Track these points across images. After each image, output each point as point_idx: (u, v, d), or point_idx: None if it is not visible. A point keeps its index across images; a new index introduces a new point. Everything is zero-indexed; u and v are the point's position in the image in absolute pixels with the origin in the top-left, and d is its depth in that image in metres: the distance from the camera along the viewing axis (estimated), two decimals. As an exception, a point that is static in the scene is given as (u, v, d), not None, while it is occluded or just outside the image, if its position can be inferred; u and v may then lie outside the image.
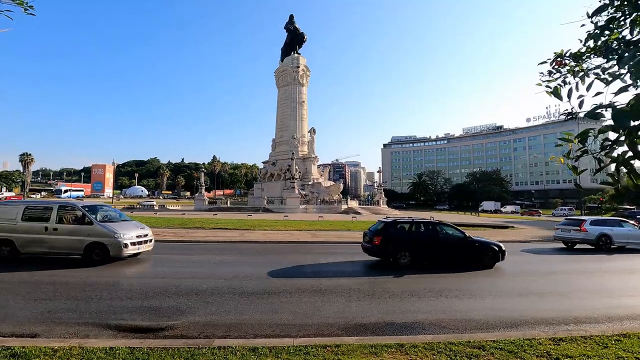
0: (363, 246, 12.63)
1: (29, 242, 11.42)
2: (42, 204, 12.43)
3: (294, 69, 60.99)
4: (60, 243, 11.30)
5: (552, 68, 2.87)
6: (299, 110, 61.71)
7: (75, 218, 11.65)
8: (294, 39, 65.00)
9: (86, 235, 11.22)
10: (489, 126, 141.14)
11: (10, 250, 11.39)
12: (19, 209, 11.77)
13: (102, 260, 11.10)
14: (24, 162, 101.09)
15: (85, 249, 11.13)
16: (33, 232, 11.41)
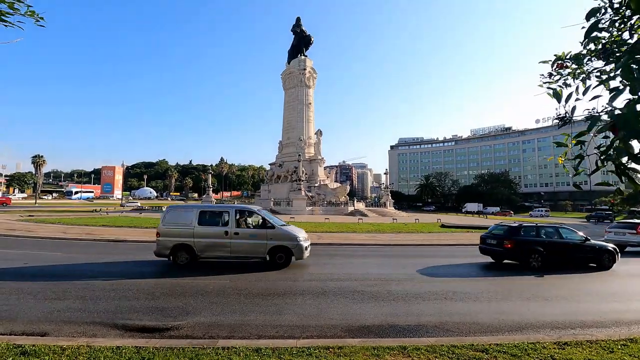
0: (484, 249, 13.52)
1: (209, 246, 11.34)
2: (217, 208, 12.53)
3: (300, 71, 61.21)
4: (242, 247, 11.29)
5: (553, 70, 2.87)
6: (305, 112, 61.86)
7: (255, 222, 11.88)
8: (301, 42, 65.26)
9: (269, 239, 11.30)
10: (497, 127, 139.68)
11: (189, 255, 11.29)
12: (194, 213, 11.61)
13: (284, 263, 11.26)
14: (36, 164, 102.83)
15: (268, 252, 11.25)
16: (212, 237, 11.33)
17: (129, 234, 20.62)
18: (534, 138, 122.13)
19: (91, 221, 28.31)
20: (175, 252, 11.25)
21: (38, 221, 28.06)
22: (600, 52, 2.55)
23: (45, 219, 29.92)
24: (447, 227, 30.45)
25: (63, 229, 22.68)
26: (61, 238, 18.58)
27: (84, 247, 15.76)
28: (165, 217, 11.82)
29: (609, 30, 2.51)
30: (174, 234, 11.37)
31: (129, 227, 24.56)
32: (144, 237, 19.11)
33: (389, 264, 13.05)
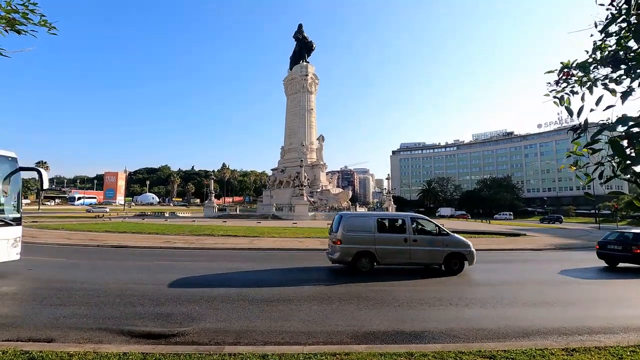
0: (603, 254, 14.48)
1: (389, 253, 11.57)
2: (393, 216, 13.12)
3: (302, 77, 61.59)
4: (420, 254, 11.61)
5: (560, 78, 2.90)
6: (307, 117, 62.12)
7: (430, 229, 12.19)
8: (303, 48, 65.72)
9: (445, 245, 11.69)
10: (499, 132, 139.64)
11: (370, 262, 11.50)
12: (372, 220, 11.88)
13: (458, 269, 11.66)
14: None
15: (444, 259, 11.59)
16: (393, 244, 11.59)
17: (132, 239, 20.64)
18: (536, 143, 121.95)
19: (95, 227, 28.40)
20: (357, 258, 11.44)
21: (41, 227, 28.16)
22: (608, 59, 2.58)
23: (49, 225, 30.03)
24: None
25: (67, 235, 22.75)
26: (65, 244, 18.63)
27: (87, 254, 15.79)
28: (343, 224, 11.79)
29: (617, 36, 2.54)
30: (356, 242, 11.52)
31: (132, 233, 24.61)
32: (151, 242, 19.10)
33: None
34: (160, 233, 24.41)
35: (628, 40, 2.49)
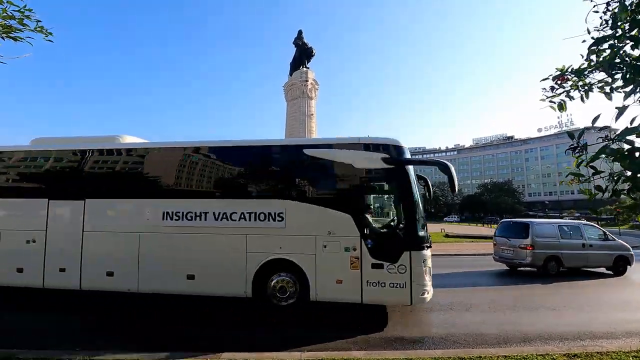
0: None
1: (572, 257, 12.83)
2: (569, 223, 14.18)
3: (302, 82, 61.49)
4: (595, 258, 13.07)
5: (555, 83, 2.90)
6: (307, 123, 61.93)
7: (599, 235, 13.54)
8: (303, 54, 65.63)
9: (613, 250, 13.24)
10: (500, 136, 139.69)
11: (557, 265, 12.71)
12: (555, 227, 13.21)
13: (622, 271, 13.09)
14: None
15: (613, 262, 13.06)
16: (574, 249, 12.90)
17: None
18: (536, 147, 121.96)
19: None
20: (547, 262, 12.68)
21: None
22: (602, 64, 2.57)
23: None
24: (451, 237, 30.26)
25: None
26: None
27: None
28: (533, 231, 12.91)
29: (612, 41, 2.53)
30: (546, 247, 12.75)
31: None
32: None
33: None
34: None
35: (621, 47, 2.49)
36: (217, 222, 7.45)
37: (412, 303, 6.73)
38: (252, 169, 7.95)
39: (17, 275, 8.00)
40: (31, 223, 8.14)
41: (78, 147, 8.60)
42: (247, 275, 7.22)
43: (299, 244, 7.15)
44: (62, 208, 8.23)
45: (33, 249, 8.01)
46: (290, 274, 7.22)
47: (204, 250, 7.49)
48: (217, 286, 7.37)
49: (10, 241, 8.17)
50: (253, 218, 7.32)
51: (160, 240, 7.66)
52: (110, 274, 7.69)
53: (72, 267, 7.82)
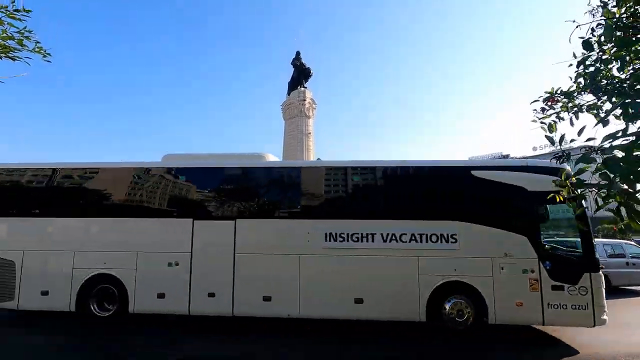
0: None
1: (617, 276, 12.74)
2: (611, 242, 14.47)
3: (300, 101, 62.34)
4: (637, 275, 13.17)
5: (545, 105, 2.95)
6: (305, 141, 62.44)
7: None
8: (301, 74, 66.79)
9: None
10: (495, 155, 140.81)
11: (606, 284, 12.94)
12: (601, 246, 13.02)
13: None
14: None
15: None
16: (619, 267, 12.98)
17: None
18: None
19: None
20: None
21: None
22: (589, 87, 2.63)
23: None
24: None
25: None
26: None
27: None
28: None
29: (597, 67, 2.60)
30: None
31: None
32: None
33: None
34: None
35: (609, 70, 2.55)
36: (385, 243, 7.20)
37: (595, 325, 6.55)
38: (421, 190, 7.76)
39: (158, 302, 7.44)
40: (174, 244, 7.66)
41: (225, 164, 8.29)
42: (421, 299, 6.97)
43: (474, 265, 6.98)
44: (209, 229, 7.74)
45: (176, 273, 7.52)
46: (465, 297, 7.02)
47: (373, 272, 7.18)
48: (388, 310, 7.07)
49: (149, 264, 7.65)
50: (424, 239, 7.10)
51: (323, 263, 7.29)
52: (268, 298, 7.23)
53: (224, 291, 7.34)
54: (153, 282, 7.56)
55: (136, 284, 7.58)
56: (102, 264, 7.71)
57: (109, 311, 7.72)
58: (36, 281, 7.74)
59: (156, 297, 7.48)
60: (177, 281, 7.51)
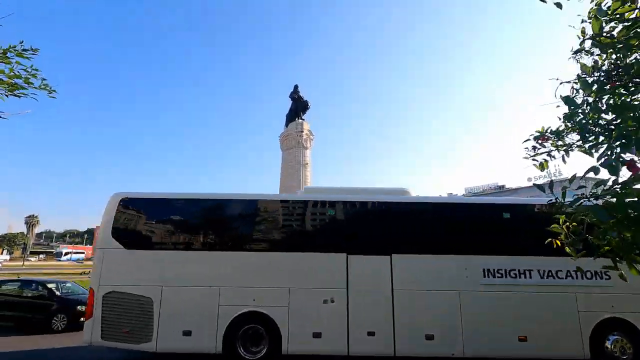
0: None
1: None
2: None
3: (298, 133, 63.47)
4: None
5: (537, 143, 3.03)
6: (302, 172, 62.85)
7: None
8: (299, 107, 68.49)
9: None
10: (491, 185, 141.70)
11: None
12: None
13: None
14: (29, 225, 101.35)
15: None
16: None
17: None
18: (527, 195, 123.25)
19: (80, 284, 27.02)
20: None
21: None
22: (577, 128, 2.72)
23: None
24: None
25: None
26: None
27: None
28: None
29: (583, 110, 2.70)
30: None
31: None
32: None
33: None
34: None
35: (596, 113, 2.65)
36: (543, 280, 7.15)
37: None
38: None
39: (315, 341, 7.03)
40: (328, 280, 7.33)
41: (376, 198, 8.05)
42: (583, 336, 6.87)
43: (632, 302, 6.91)
44: (364, 264, 7.40)
45: (333, 310, 7.15)
46: (625, 334, 6.89)
47: (533, 309, 7.06)
48: (551, 348, 6.90)
49: (303, 301, 7.25)
50: (580, 276, 7.01)
51: (483, 299, 7.12)
52: (430, 337, 6.95)
53: (383, 330, 7.02)
54: (308, 321, 7.13)
55: (289, 323, 7.11)
56: (251, 301, 7.25)
57: (254, 353, 7.15)
58: (177, 320, 7.14)
59: (312, 337, 7.05)
60: (334, 319, 7.11)
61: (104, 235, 7.85)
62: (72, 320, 11.08)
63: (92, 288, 7.37)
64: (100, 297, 7.25)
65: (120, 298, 7.26)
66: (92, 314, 7.18)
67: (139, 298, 7.24)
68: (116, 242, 7.66)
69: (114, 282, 7.38)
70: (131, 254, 7.61)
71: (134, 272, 7.47)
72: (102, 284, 7.37)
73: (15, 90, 3.88)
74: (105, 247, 7.70)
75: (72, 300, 11.82)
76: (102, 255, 7.63)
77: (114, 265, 7.52)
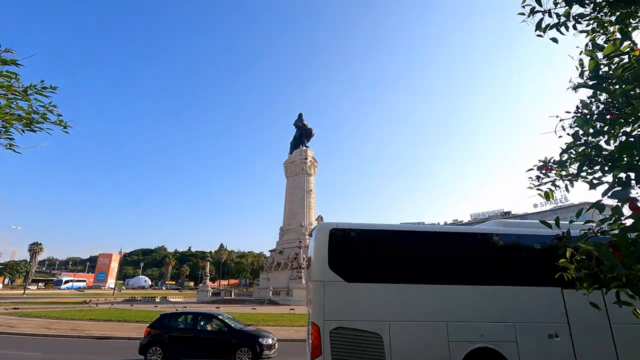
0: None
1: None
2: None
3: (302, 160, 64.35)
4: None
5: (541, 173, 3.07)
6: (306, 198, 63.15)
7: None
8: (303, 134, 69.97)
9: None
10: (497, 212, 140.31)
11: None
12: None
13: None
14: (33, 252, 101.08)
15: None
16: None
17: (117, 329, 19.20)
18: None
19: (78, 314, 26.65)
20: None
21: (22, 315, 26.41)
22: (579, 158, 2.76)
23: (31, 312, 28.20)
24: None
25: (47, 324, 21.22)
26: (44, 335, 17.27)
27: (66, 346, 14.54)
28: None
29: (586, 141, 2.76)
30: None
31: (118, 322, 23.00)
32: (133, 333, 17.77)
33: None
34: (148, 321, 22.88)
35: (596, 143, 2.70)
36: None
37: None
38: None
39: None
40: (550, 314, 7.16)
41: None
42: None
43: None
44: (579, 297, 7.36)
45: (558, 346, 6.98)
46: None
47: None
48: None
49: (529, 336, 7.05)
50: None
51: None
52: None
53: None
54: (535, 356, 6.96)
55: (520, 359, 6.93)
56: (480, 337, 6.99)
57: None
58: (408, 357, 6.85)
59: None
60: (560, 354, 6.95)
61: (321, 267, 7.45)
62: (257, 355, 11.05)
63: (315, 323, 7.01)
64: (327, 333, 6.91)
65: (348, 334, 6.94)
66: (320, 351, 6.81)
67: (367, 334, 6.95)
68: (335, 275, 7.31)
69: (339, 317, 7.05)
70: (352, 287, 7.27)
71: (358, 307, 7.17)
72: (327, 319, 7.01)
73: (31, 125, 4.02)
74: (325, 280, 7.32)
75: (252, 333, 11.87)
76: (323, 289, 7.25)
77: (336, 299, 7.18)
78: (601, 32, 3.40)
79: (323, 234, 7.68)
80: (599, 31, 3.21)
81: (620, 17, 2.87)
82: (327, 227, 7.83)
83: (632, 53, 2.49)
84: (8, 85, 3.70)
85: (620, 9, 3.04)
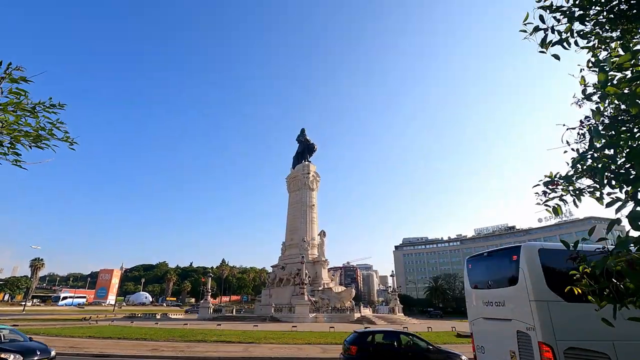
0: None
1: None
2: None
3: (304, 175, 64.44)
4: None
5: (547, 188, 3.04)
6: (309, 213, 62.89)
7: None
8: (305, 150, 70.36)
9: None
10: (501, 227, 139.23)
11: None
12: None
13: None
14: (34, 268, 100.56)
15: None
16: None
17: (116, 347, 18.85)
18: (539, 237, 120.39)
19: (78, 331, 26.26)
20: None
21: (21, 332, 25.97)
22: (587, 172, 2.75)
23: (29, 329, 27.78)
24: (463, 337, 27.86)
25: (45, 341, 20.82)
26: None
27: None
28: None
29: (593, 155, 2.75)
30: None
31: (117, 339, 22.64)
32: (133, 350, 17.45)
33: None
34: (148, 339, 22.55)
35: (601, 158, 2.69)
36: None
37: None
38: None
39: None
40: None
41: None
42: None
43: None
44: None
45: None
46: None
47: None
48: None
49: None
50: None
51: None
52: None
53: None
54: None
55: None
56: None
57: None
58: None
59: None
60: None
61: (539, 286, 7.76)
62: None
63: (544, 343, 7.34)
64: (562, 354, 7.20)
65: (579, 355, 7.20)
66: None
67: (596, 355, 7.13)
68: (555, 295, 7.54)
69: (568, 337, 7.35)
70: (573, 307, 7.26)
71: (582, 327, 7.30)
72: (559, 339, 7.34)
73: (39, 142, 4.05)
74: (547, 300, 7.61)
75: (447, 351, 13.13)
76: (548, 308, 7.56)
77: (561, 318, 7.46)
78: (602, 48, 3.44)
79: (532, 254, 8.00)
80: (601, 47, 3.25)
81: (622, 33, 2.90)
82: (534, 247, 8.16)
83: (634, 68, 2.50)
84: (17, 102, 3.75)
85: (621, 26, 3.09)
